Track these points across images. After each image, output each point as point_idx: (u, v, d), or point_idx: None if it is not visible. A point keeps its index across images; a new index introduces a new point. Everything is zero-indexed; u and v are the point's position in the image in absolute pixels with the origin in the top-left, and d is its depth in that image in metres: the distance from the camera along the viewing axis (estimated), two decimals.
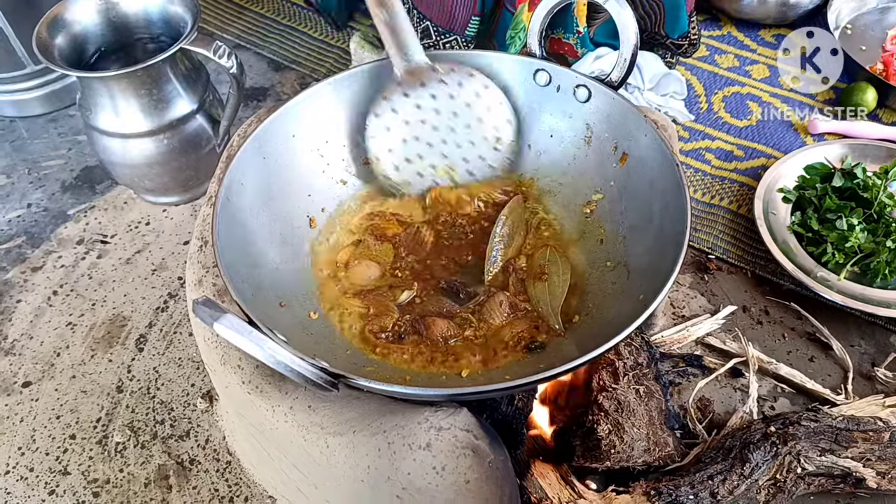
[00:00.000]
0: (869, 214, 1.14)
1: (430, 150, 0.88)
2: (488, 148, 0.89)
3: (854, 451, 0.90)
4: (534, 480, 0.86)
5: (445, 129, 0.88)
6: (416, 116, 0.87)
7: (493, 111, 0.88)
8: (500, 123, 0.88)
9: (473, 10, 1.27)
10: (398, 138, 0.87)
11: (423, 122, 0.87)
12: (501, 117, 0.88)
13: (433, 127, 0.87)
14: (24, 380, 1.09)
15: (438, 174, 0.89)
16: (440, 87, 0.86)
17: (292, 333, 0.72)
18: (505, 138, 0.89)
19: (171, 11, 1.17)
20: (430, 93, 0.86)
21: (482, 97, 0.87)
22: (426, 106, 0.87)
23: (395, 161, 0.88)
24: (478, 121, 0.88)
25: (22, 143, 1.44)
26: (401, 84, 0.86)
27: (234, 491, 0.97)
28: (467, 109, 0.87)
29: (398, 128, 0.87)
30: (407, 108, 0.87)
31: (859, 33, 1.54)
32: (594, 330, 0.76)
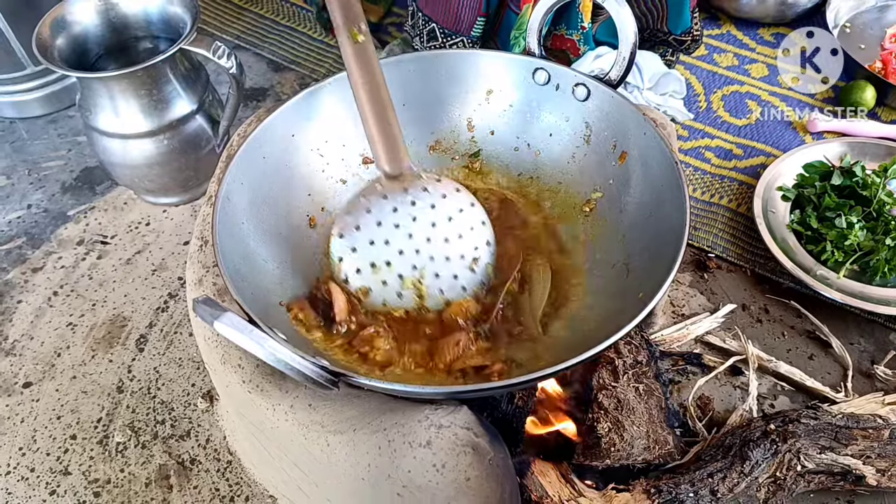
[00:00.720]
0: (868, 212, 1.14)
1: (399, 258, 0.79)
2: (463, 267, 0.80)
3: (854, 448, 0.90)
4: (534, 478, 0.86)
5: (421, 240, 0.80)
6: (391, 220, 0.80)
7: (475, 230, 0.81)
8: (479, 244, 0.81)
9: (479, 11, 1.27)
10: (365, 239, 0.79)
11: (397, 227, 0.79)
12: (482, 238, 0.82)
13: (407, 234, 0.79)
14: (25, 380, 1.09)
15: (405, 285, 0.79)
16: (422, 196, 0.81)
17: (292, 332, 0.72)
18: (482, 260, 0.81)
19: (170, 12, 1.18)
20: (410, 199, 0.80)
21: (465, 213, 0.82)
22: (404, 212, 0.80)
23: (357, 263, 0.78)
24: (458, 237, 0.81)
25: (22, 144, 1.44)
26: (381, 185, 0.81)
27: (234, 490, 0.98)
28: (447, 223, 0.81)
29: (368, 228, 0.79)
30: (384, 210, 0.80)
31: (858, 32, 1.55)
32: (594, 328, 0.76)
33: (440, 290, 0.79)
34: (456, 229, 0.81)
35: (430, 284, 0.79)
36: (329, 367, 0.62)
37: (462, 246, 0.81)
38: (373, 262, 0.78)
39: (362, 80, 0.80)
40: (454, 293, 0.80)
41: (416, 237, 0.80)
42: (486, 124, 0.94)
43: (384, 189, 0.81)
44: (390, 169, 0.81)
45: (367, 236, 0.79)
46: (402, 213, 0.80)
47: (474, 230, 0.82)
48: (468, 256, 0.81)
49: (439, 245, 0.80)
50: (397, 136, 0.81)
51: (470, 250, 0.81)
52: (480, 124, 0.94)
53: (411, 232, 0.80)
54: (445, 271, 0.80)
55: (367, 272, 0.78)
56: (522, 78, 0.90)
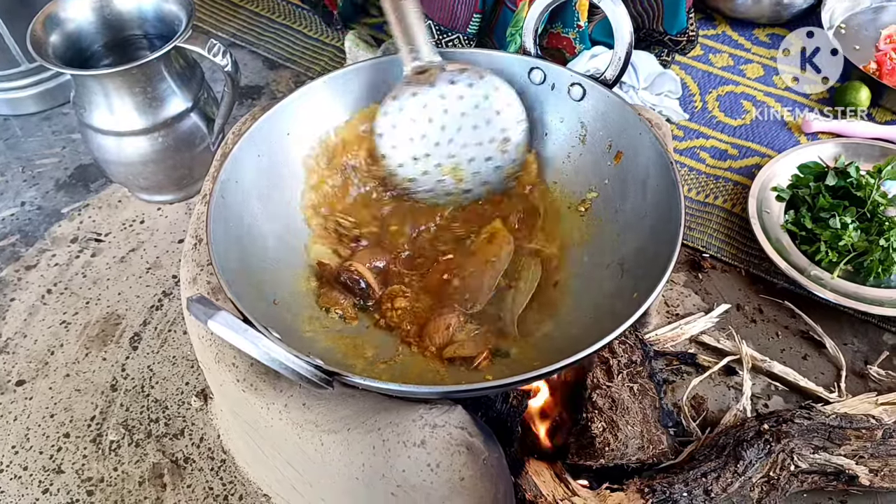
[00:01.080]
0: (862, 213, 1.14)
1: (436, 148, 0.87)
2: (495, 149, 0.87)
3: (847, 448, 0.90)
4: (528, 478, 0.86)
5: (453, 129, 0.86)
6: (424, 115, 0.86)
7: (502, 113, 0.86)
8: (509, 125, 0.87)
9: (475, 8, 1.27)
10: (404, 136, 0.86)
11: (431, 121, 0.86)
12: (511, 118, 0.87)
13: (440, 126, 0.86)
14: (18, 378, 1.09)
15: (444, 173, 0.88)
16: (449, 88, 0.85)
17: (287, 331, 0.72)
18: (513, 139, 0.87)
19: (165, 9, 1.17)
20: (439, 92, 0.85)
21: (491, 99, 0.86)
22: (434, 105, 0.85)
23: (400, 159, 0.87)
24: (486, 122, 0.86)
25: (16, 142, 1.44)
26: (410, 82, 0.85)
27: (228, 489, 0.97)
28: (476, 110, 0.86)
29: (404, 125, 0.86)
30: (414, 106, 0.85)
31: (853, 33, 1.55)
32: (588, 328, 0.76)
33: (475, 173, 0.88)
34: (484, 115, 0.86)
35: (465, 169, 0.88)
36: (323, 367, 0.62)
37: (491, 130, 0.87)
38: (413, 155, 0.87)
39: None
40: (490, 175, 0.88)
41: (449, 128, 0.86)
42: None
43: (413, 87, 0.85)
44: (412, 64, 0.85)
45: (404, 133, 0.86)
46: (433, 107, 0.85)
47: (501, 114, 0.86)
48: (497, 139, 0.87)
49: (469, 133, 0.86)
50: (415, 31, 0.84)
51: (498, 133, 0.87)
52: None
53: (444, 124, 0.86)
54: (479, 155, 0.87)
55: (409, 165, 0.87)
56: (518, 77, 0.90)
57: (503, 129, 0.87)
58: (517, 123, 0.87)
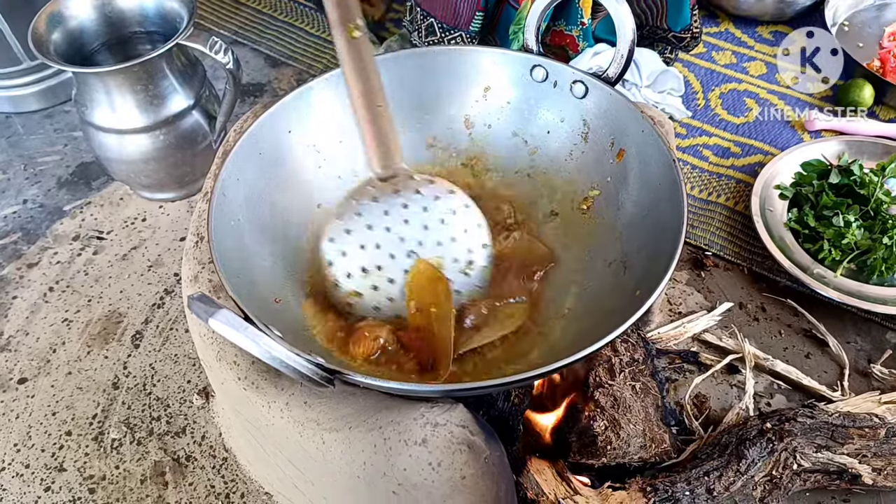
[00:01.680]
0: (865, 211, 1.14)
1: (391, 262, 0.77)
2: (456, 271, 0.78)
3: (850, 447, 0.90)
4: (530, 476, 0.86)
5: (413, 243, 0.77)
6: (382, 223, 0.78)
7: (469, 233, 0.79)
8: (474, 247, 0.79)
9: (477, 5, 1.27)
10: (356, 243, 0.77)
11: (389, 230, 0.77)
12: (476, 241, 0.79)
13: (399, 238, 0.77)
14: (20, 376, 1.09)
15: (396, 290, 0.77)
16: (415, 198, 0.78)
17: (288, 329, 0.71)
18: (477, 263, 0.79)
19: (167, 7, 1.17)
20: (402, 202, 0.78)
21: (459, 216, 0.79)
22: (395, 214, 0.78)
23: (347, 267, 0.77)
24: (451, 240, 0.78)
25: (18, 139, 1.44)
26: (373, 187, 0.79)
27: (230, 487, 0.97)
28: (441, 226, 0.78)
29: (359, 232, 0.77)
30: (374, 213, 0.78)
31: (856, 30, 1.54)
32: (590, 326, 0.76)
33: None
34: (449, 232, 0.79)
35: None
36: (324, 365, 0.62)
37: (455, 249, 0.78)
38: (363, 266, 0.77)
39: (356, 77, 0.78)
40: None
41: (408, 241, 0.78)
42: (483, 121, 0.93)
43: (375, 191, 0.79)
44: (382, 170, 0.79)
45: (357, 240, 0.77)
46: (394, 216, 0.78)
47: (468, 233, 0.79)
48: (462, 260, 0.78)
49: (431, 249, 0.78)
50: (390, 136, 0.78)
51: (464, 253, 0.79)
52: (478, 121, 0.93)
53: (403, 236, 0.78)
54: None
55: (357, 276, 0.77)
56: (520, 75, 0.90)
57: (469, 249, 0.79)
58: (482, 248, 0.79)
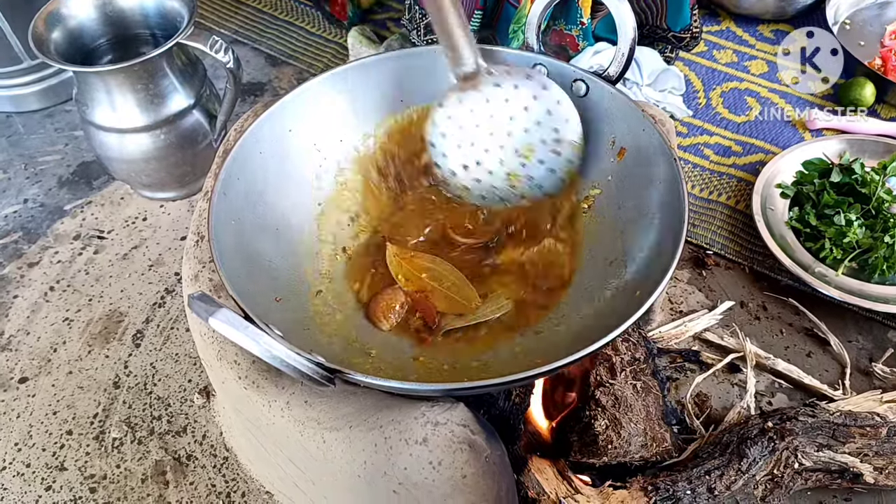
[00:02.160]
0: (867, 210, 1.14)
1: (486, 155, 0.84)
2: (547, 151, 0.83)
3: (851, 446, 0.90)
4: (531, 476, 0.86)
5: (502, 134, 0.83)
6: (471, 121, 0.83)
7: (553, 113, 0.82)
8: (560, 125, 0.82)
9: (476, 4, 1.27)
10: (453, 144, 0.84)
11: (478, 127, 0.83)
12: (561, 118, 0.82)
13: (489, 132, 0.83)
14: (21, 375, 1.09)
15: (496, 179, 0.85)
16: (494, 91, 0.82)
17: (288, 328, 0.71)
18: (566, 140, 0.83)
19: (167, 6, 1.17)
20: (484, 97, 0.82)
21: (540, 99, 0.82)
22: (480, 110, 0.83)
23: (451, 166, 0.85)
24: (536, 124, 0.82)
25: (18, 139, 1.44)
26: (454, 89, 0.83)
27: (231, 486, 0.97)
28: (524, 113, 0.82)
29: (453, 133, 0.84)
30: (461, 113, 0.83)
31: (858, 28, 1.54)
32: (591, 325, 0.76)
33: (529, 178, 0.84)
34: (533, 117, 0.82)
35: (519, 174, 0.84)
36: (325, 364, 0.62)
37: (542, 132, 0.83)
38: (464, 163, 0.85)
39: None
40: (544, 179, 0.85)
41: (497, 133, 0.83)
42: None
43: (458, 92, 0.83)
44: (456, 70, 0.82)
45: (453, 141, 0.84)
46: (479, 112, 0.83)
47: (551, 113, 0.82)
48: (549, 140, 0.83)
49: (520, 136, 0.83)
50: (458, 37, 0.80)
51: (550, 133, 0.83)
52: None
53: (492, 130, 0.83)
54: (532, 159, 0.84)
55: (461, 173, 0.85)
56: None
57: (555, 128, 0.83)
58: (568, 123, 0.83)
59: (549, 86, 0.82)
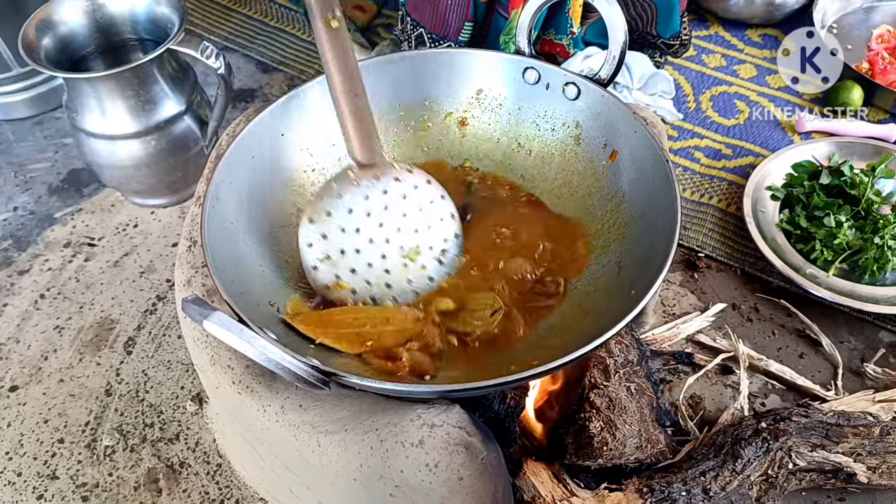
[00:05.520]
0: (856, 211, 1.15)
1: (370, 246, 0.79)
2: (431, 258, 0.81)
3: (845, 446, 0.90)
4: (526, 479, 0.86)
5: (391, 229, 0.80)
6: (363, 208, 0.79)
7: (444, 222, 0.82)
8: (448, 236, 0.82)
9: (466, 16, 1.27)
10: (336, 226, 0.78)
11: (369, 215, 0.79)
12: (450, 230, 0.82)
13: (379, 223, 0.79)
14: (12, 384, 1.08)
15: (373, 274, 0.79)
16: (394, 185, 0.80)
17: (282, 332, 0.71)
18: (450, 252, 0.81)
19: (157, 12, 1.17)
20: (382, 188, 0.79)
21: (435, 205, 0.81)
22: (375, 200, 0.79)
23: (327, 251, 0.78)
24: (427, 228, 0.81)
25: (8, 146, 1.43)
26: (354, 173, 0.80)
27: (224, 493, 0.97)
28: (418, 213, 0.81)
29: (339, 215, 0.78)
30: (355, 197, 0.79)
31: (845, 32, 1.56)
32: (584, 327, 0.76)
33: (408, 280, 0.79)
34: (426, 220, 0.81)
35: (397, 274, 0.79)
36: (320, 367, 0.61)
37: (431, 237, 0.81)
38: (342, 249, 0.78)
39: (336, 67, 0.78)
40: (422, 284, 0.80)
41: (387, 226, 0.80)
42: (476, 123, 0.94)
43: (356, 176, 0.80)
44: (363, 158, 0.80)
45: (337, 223, 0.78)
46: (374, 201, 0.79)
47: (444, 221, 0.82)
48: (436, 248, 0.81)
49: (409, 236, 0.80)
50: (370, 125, 0.80)
51: (439, 242, 0.81)
52: (471, 123, 0.94)
53: (382, 221, 0.79)
54: (417, 261, 0.80)
55: (337, 259, 0.78)
56: (512, 77, 0.90)
57: (444, 238, 0.82)
58: (455, 238, 0.82)
59: (446, 195, 0.82)
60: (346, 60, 0.79)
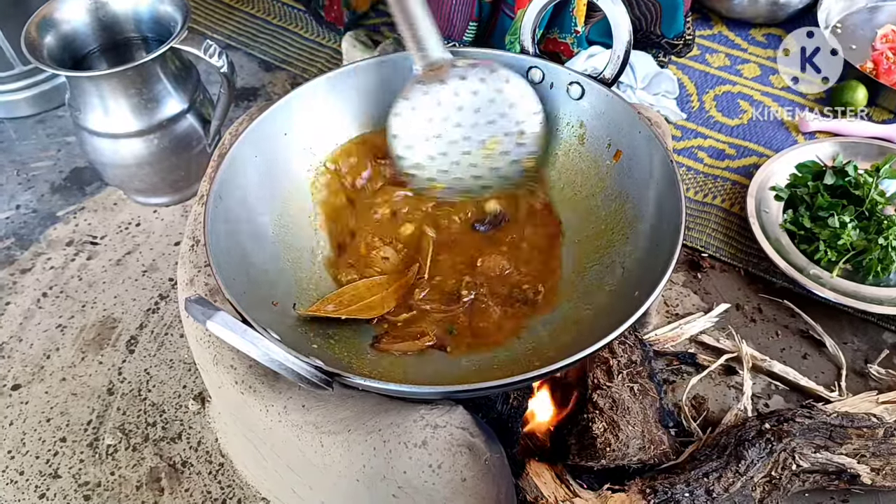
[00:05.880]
0: (861, 212, 1.14)
1: (453, 146, 0.85)
2: (512, 143, 0.86)
3: (848, 447, 0.90)
4: (529, 480, 0.86)
5: (468, 126, 0.85)
6: (438, 114, 0.84)
7: (516, 106, 0.85)
8: (523, 117, 0.85)
9: (471, 16, 1.27)
10: (419, 136, 0.85)
11: (445, 119, 0.84)
12: (526, 110, 0.85)
13: (455, 123, 0.85)
14: (14, 382, 1.08)
15: (461, 170, 0.86)
16: (461, 84, 0.84)
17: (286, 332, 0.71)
18: (529, 131, 0.86)
19: (160, 11, 1.17)
20: (451, 89, 0.84)
21: (504, 92, 0.85)
22: (447, 102, 0.84)
23: (416, 158, 0.86)
24: (501, 116, 0.85)
25: (10, 145, 1.43)
26: (420, 81, 0.84)
27: (226, 493, 0.97)
28: (490, 105, 0.85)
29: (418, 125, 0.85)
30: (427, 104, 0.84)
31: (849, 32, 1.55)
32: (588, 327, 0.76)
33: (493, 168, 0.86)
34: (498, 109, 0.85)
35: (483, 165, 0.86)
36: (323, 367, 0.61)
37: (506, 124, 0.85)
38: (430, 154, 0.85)
39: None
40: (508, 169, 0.87)
41: (464, 125, 0.85)
42: None
43: (424, 84, 0.84)
44: (421, 63, 0.83)
45: (418, 133, 0.85)
46: (446, 104, 0.84)
47: (515, 106, 0.85)
48: (513, 131, 0.85)
49: (485, 128, 0.85)
50: (422, 28, 0.82)
51: (514, 126, 0.85)
52: None
53: (458, 121, 0.85)
54: (496, 150, 0.86)
55: (426, 165, 0.86)
56: None
57: (518, 121, 0.85)
58: (532, 115, 0.86)
59: (512, 78, 0.85)
60: None
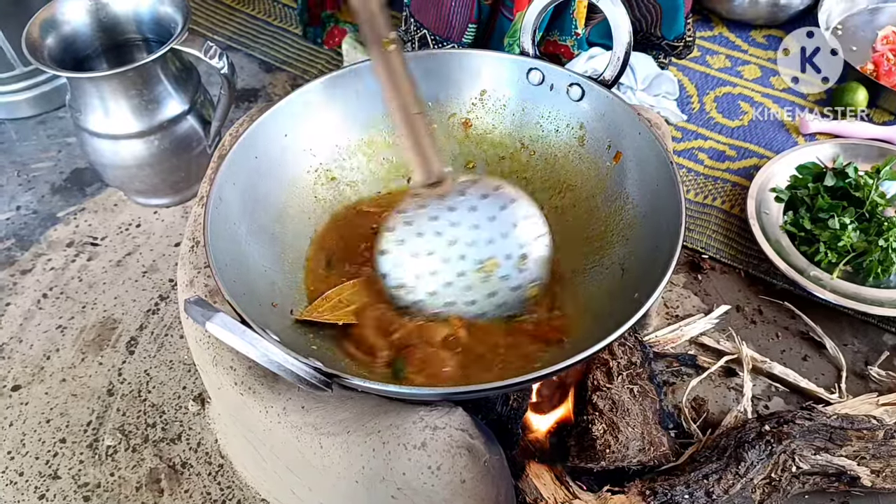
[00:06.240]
0: (861, 213, 1.14)
1: (445, 265, 0.77)
2: (512, 266, 0.77)
3: (848, 449, 0.90)
4: (529, 481, 0.86)
5: (463, 244, 0.77)
6: (432, 229, 0.77)
7: (519, 227, 0.77)
8: (527, 240, 0.77)
9: (470, 18, 1.27)
10: (408, 252, 0.77)
11: (439, 235, 0.77)
12: (530, 233, 0.78)
13: (449, 241, 0.77)
14: (14, 383, 1.08)
15: (453, 293, 0.77)
16: (460, 200, 0.78)
17: (285, 334, 0.71)
18: (532, 255, 0.77)
19: (161, 12, 1.17)
20: (448, 205, 0.78)
21: (507, 210, 0.78)
22: (443, 219, 0.77)
23: (403, 278, 0.77)
24: (502, 236, 0.77)
25: (11, 146, 1.43)
26: (417, 195, 0.79)
27: (226, 494, 0.97)
28: (490, 223, 0.77)
29: (411, 241, 0.77)
30: (422, 220, 0.78)
31: (850, 34, 1.55)
32: (588, 329, 0.76)
33: (490, 294, 0.77)
34: (499, 228, 0.77)
35: (478, 289, 0.77)
36: (322, 369, 0.61)
37: (507, 245, 0.77)
38: (416, 274, 0.77)
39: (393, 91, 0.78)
40: (506, 295, 0.77)
41: (460, 242, 0.77)
42: (480, 124, 0.93)
43: (421, 199, 0.79)
44: (423, 178, 0.79)
45: (409, 249, 0.77)
46: (443, 220, 0.78)
47: (518, 226, 0.77)
48: (515, 255, 0.77)
49: (483, 248, 0.77)
50: (426, 144, 0.78)
51: (516, 249, 0.77)
52: (474, 124, 0.93)
53: (454, 238, 0.77)
54: (495, 273, 0.77)
55: (413, 284, 0.77)
56: (516, 78, 0.90)
57: (521, 244, 0.77)
58: (537, 238, 0.78)
59: (518, 198, 0.79)
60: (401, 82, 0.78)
